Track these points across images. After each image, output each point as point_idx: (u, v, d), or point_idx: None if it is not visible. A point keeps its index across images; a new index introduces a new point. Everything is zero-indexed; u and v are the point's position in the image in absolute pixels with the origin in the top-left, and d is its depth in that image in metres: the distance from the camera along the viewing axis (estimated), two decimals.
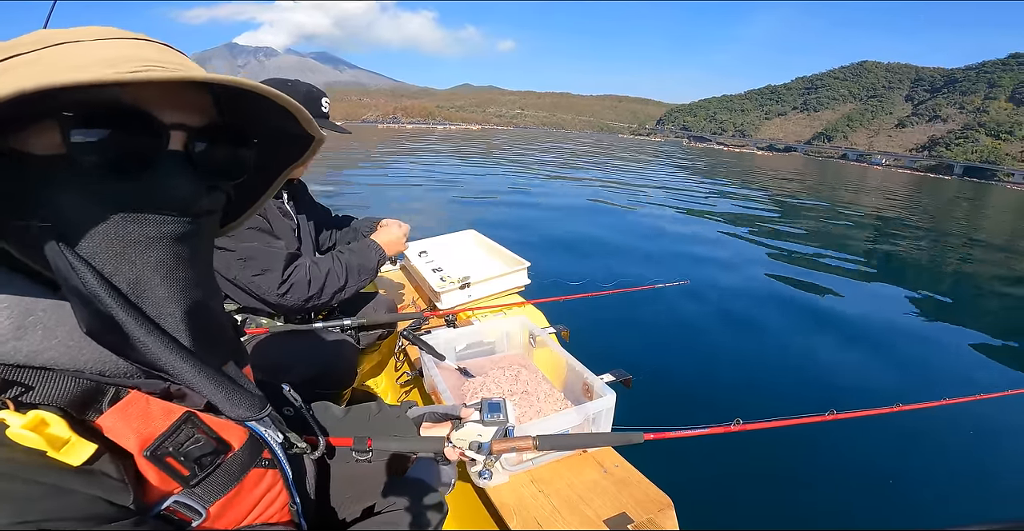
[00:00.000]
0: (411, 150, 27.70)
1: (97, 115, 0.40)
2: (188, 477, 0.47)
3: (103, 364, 0.44)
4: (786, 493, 2.38)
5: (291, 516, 0.62)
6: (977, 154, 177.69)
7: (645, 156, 37.70)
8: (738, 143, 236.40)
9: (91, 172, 0.40)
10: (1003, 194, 52.68)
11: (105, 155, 0.40)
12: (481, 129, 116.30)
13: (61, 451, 0.38)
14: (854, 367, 3.74)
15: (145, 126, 0.42)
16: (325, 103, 1.55)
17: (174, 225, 0.45)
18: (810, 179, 30.96)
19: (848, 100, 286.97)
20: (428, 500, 0.80)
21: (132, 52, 0.41)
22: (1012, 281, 7.47)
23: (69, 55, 0.39)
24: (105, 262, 0.42)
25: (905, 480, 2.49)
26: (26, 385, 0.39)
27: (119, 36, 0.43)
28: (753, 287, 5.60)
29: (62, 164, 0.40)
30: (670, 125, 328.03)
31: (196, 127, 0.46)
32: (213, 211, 0.51)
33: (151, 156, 0.43)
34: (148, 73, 0.37)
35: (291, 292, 1.39)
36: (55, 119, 0.39)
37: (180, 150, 0.45)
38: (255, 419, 0.53)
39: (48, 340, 0.41)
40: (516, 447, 0.84)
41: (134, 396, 0.45)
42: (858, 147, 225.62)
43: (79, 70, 0.36)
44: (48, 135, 0.39)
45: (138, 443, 0.44)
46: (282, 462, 0.62)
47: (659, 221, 9.44)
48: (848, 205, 16.24)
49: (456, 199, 10.72)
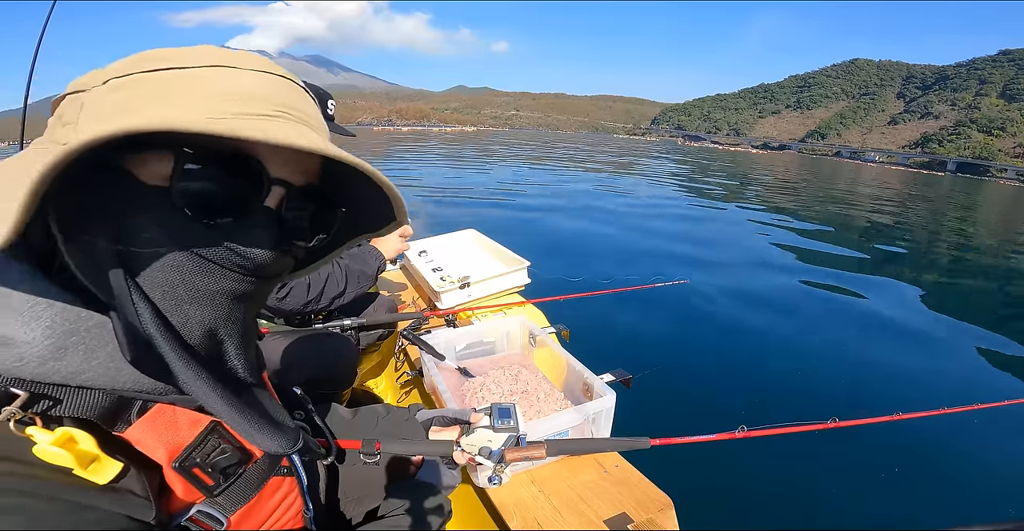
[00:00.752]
0: (410, 151, 27.71)
1: (213, 157, 0.39)
2: (212, 487, 0.47)
3: (140, 384, 0.42)
4: (786, 493, 2.39)
5: (304, 523, 0.62)
6: (970, 150, 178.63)
7: (640, 156, 37.72)
8: (733, 142, 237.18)
9: (186, 211, 0.40)
10: (997, 190, 52.95)
11: (206, 199, 0.40)
12: (476, 131, 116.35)
13: (88, 469, 0.38)
14: (856, 371, 3.72)
15: (252, 176, 0.42)
16: (331, 106, 1.56)
17: (242, 283, 0.44)
18: (806, 177, 31.03)
19: (841, 98, 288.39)
20: (433, 503, 0.80)
21: (262, 91, 0.41)
22: (1015, 285, 7.45)
23: (220, 81, 0.39)
24: (167, 302, 0.41)
25: (906, 486, 2.50)
26: (55, 398, 0.38)
27: (270, 70, 0.43)
28: (752, 287, 5.61)
29: (159, 196, 0.39)
30: (665, 125, 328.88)
31: (296, 186, 0.45)
32: (281, 274, 0.51)
33: (248, 209, 0.42)
34: (295, 140, 0.36)
35: (290, 296, 1.39)
36: (172, 151, 0.38)
37: (274, 208, 0.44)
38: (290, 453, 0.53)
39: (88, 362, 0.39)
40: (529, 457, 0.83)
41: (161, 407, 0.45)
42: (851, 144, 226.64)
43: (202, 103, 0.37)
44: (160, 164, 0.39)
45: (167, 455, 0.43)
46: (299, 469, 0.62)
47: (659, 221, 9.46)
48: (846, 203, 16.29)
49: (456, 199, 10.74)
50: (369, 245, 1.70)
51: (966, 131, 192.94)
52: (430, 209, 9.47)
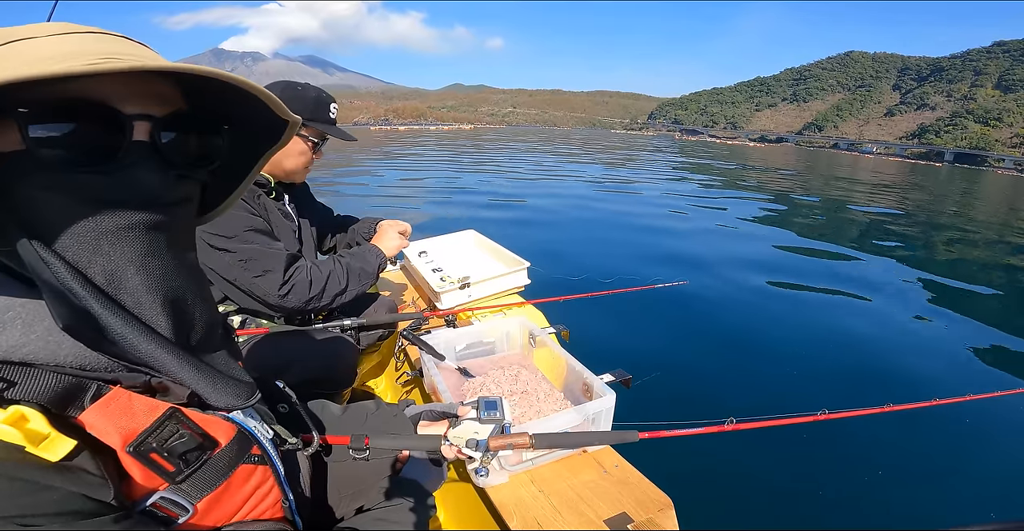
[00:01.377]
0: (408, 150, 27.64)
1: (54, 110, 0.40)
2: (174, 473, 0.47)
3: (83, 358, 0.44)
4: (785, 493, 2.39)
5: (284, 513, 0.62)
6: (967, 141, 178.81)
7: (639, 150, 37.68)
8: (730, 135, 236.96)
9: (55, 167, 0.40)
10: (995, 179, 52.96)
11: (66, 150, 0.40)
12: (473, 128, 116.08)
13: (40, 447, 0.38)
14: (849, 365, 3.74)
15: (105, 118, 0.42)
16: (333, 109, 1.54)
17: (146, 215, 0.45)
18: (803, 170, 31.01)
19: (837, 90, 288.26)
20: (417, 498, 0.81)
21: (89, 47, 0.41)
22: (1007, 275, 7.45)
23: (23, 52, 0.39)
24: (78, 255, 0.42)
25: (897, 478, 2.51)
26: (8, 380, 0.39)
27: (73, 31, 0.44)
28: (750, 286, 5.59)
29: (26, 160, 0.40)
30: (661, 119, 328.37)
31: (161, 117, 0.46)
32: (187, 199, 0.51)
33: (115, 148, 0.43)
34: (101, 65, 0.37)
35: (292, 293, 1.39)
36: (11, 116, 0.38)
37: (145, 140, 0.45)
38: (242, 407, 0.54)
39: (27, 335, 0.41)
40: (512, 444, 0.85)
41: (116, 392, 0.45)
42: (848, 136, 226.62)
43: (30, 66, 0.36)
44: (9, 132, 0.39)
45: (120, 439, 0.44)
46: (273, 458, 0.62)
47: (659, 220, 9.42)
48: (844, 198, 16.22)
49: (456, 199, 10.72)
50: (369, 244, 1.70)
51: (963, 122, 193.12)
52: (430, 209, 9.46)
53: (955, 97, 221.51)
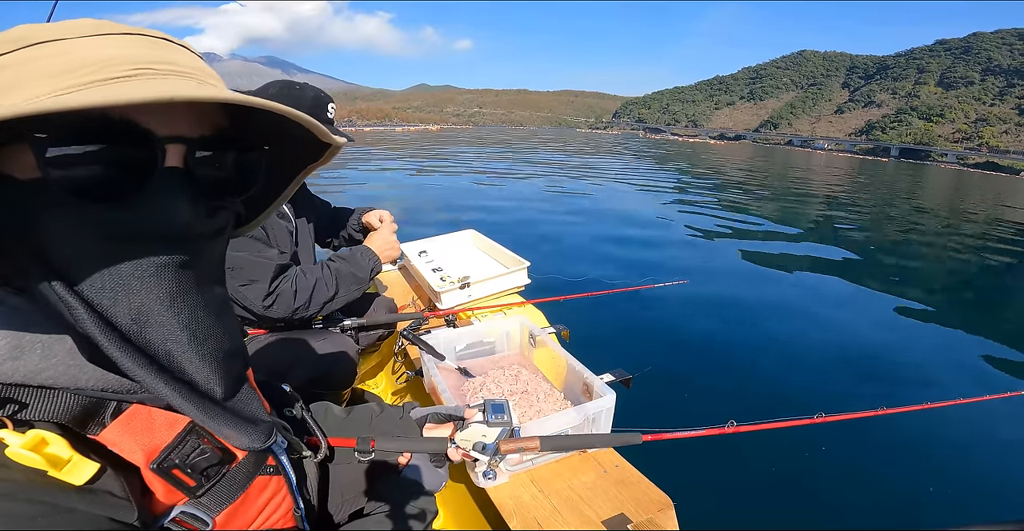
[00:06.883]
0: (399, 151, 27.08)
1: (75, 132, 0.35)
2: (194, 488, 0.47)
3: (105, 382, 0.42)
4: (785, 493, 2.42)
5: (295, 522, 0.62)
6: (911, 136, 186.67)
7: (606, 155, 37.81)
8: (691, 133, 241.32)
9: (75, 198, 0.35)
10: (939, 173, 54.94)
11: (88, 177, 0.35)
12: (439, 129, 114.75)
13: (63, 471, 0.37)
14: (846, 368, 3.78)
15: (135, 141, 0.37)
16: (331, 109, 1.53)
17: (176, 250, 0.41)
18: (766, 168, 31.64)
19: (790, 88, 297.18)
20: (419, 502, 0.80)
21: (121, 53, 0.36)
22: (997, 280, 7.53)
23: (47, 59, 0.35)
24: (101, 295, 0.38)
25: (896, 478, 2.55)
26: (21, 402, 0.38)
27: (109, 31, 0.38)
28: (750, 286, 5.66)
29: (43, 189, 0.35)
30: (626, 118, 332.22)
31: (196, 139, 0.41)
32: (220, 231, 0.47)
33: (144, 176, 0.38)
34: (126, 95, 0.31)
35: (276, 304, 1.37)
36: (26, 141, 0.34)
37: (179, 166, 0.40)
38: (260, 449, 0.52)
39: (47, 360, 0.39)
40: (523, 447, 0.85)
41: (136, 408, 0.44)
42: (802, 133, 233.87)
43: (53, 79, 0.33)
44: (25, 156, 0.35)
45: (144, 456, 0.43)
46: (286, 468, 0.62)
47: (659, 220, 9.49)
48: (807, 196, 16.55)
49: (455, 199, 10.59)
50: (362, 246, 1.66)
51: (907, 118, 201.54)
52: (430, 209, 9.33)
53: (900, 94, 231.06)
